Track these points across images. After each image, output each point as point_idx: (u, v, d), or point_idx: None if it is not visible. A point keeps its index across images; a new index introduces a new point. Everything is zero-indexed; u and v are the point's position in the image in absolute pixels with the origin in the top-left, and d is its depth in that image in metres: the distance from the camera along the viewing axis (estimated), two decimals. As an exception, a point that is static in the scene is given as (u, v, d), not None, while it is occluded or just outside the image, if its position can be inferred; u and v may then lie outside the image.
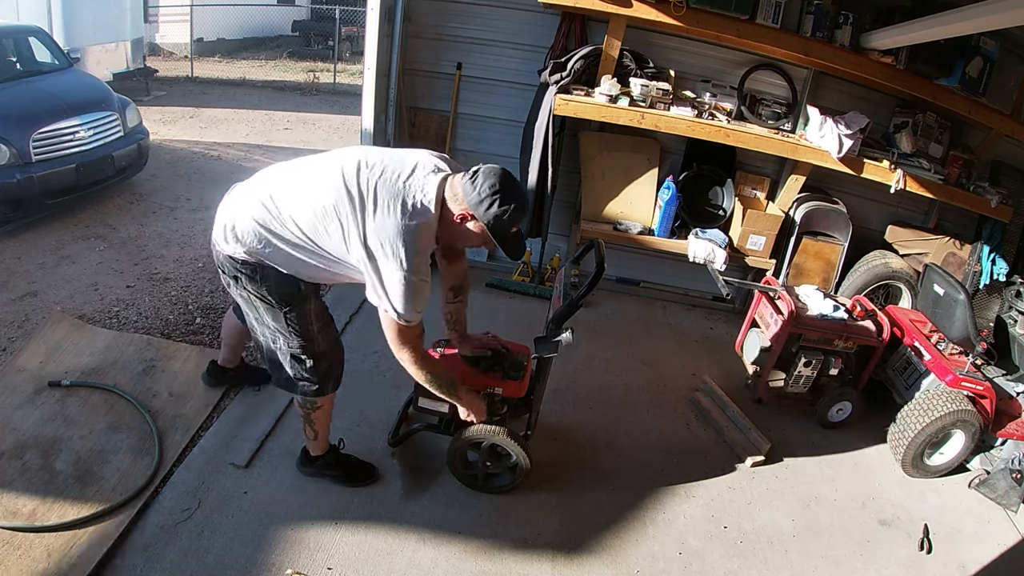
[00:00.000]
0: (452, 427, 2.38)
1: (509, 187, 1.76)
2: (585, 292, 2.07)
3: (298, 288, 1.91)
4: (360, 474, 2.38)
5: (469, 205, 1.75)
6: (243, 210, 1.84)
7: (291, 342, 1.99)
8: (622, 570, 2.24)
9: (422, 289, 1.77)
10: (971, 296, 3.10)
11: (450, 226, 1.81)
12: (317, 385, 2.08)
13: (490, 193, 1.73)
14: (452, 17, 3.83)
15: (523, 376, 2.26)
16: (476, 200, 1.74)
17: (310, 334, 1.99)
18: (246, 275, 1.87)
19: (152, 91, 8.75)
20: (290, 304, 1.93)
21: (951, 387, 2.85)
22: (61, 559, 1.95)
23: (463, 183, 1.77)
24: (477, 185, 1.74)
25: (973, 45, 3.45)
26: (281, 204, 1.81)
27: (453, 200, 1.78)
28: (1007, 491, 2.76)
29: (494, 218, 1.75)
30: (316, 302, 2.01)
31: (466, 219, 1.78)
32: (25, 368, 2.75)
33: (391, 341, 1.88)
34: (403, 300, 1.75)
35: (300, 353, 2.01)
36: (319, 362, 2.05)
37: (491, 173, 1.75)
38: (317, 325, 2.01)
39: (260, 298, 1.91)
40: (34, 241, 4.02)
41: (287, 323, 1.95)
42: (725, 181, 3.91)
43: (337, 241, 1.78)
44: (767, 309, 3.17)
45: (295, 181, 1.85)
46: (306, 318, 1.97)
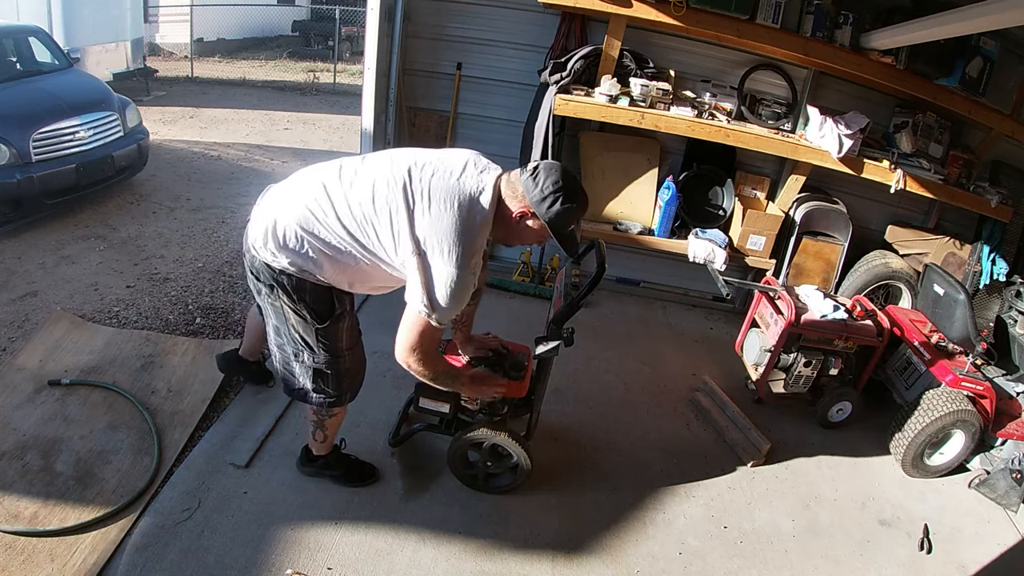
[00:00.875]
0: (453, 427, 2.38)
1: (572, 184, 1.74)
2: (586, 292, 2.07)
3: (334, 304, 1.88)
4: (360, 474, 2.37)
5: (531, 203, 1.72)
6: (285, 212, 1.78)
7: (317, 357, 1.94)
8: (622, 570, 2.24)
9: (470, 286, 1.74)
10: (971, 296, 3.10)
11: (507, 223, 1.77)
12: (335, 398, 2.05)
13: (553, 190, 1.70)
14: (452, 17, 3.83)
15: (524, 376, 2.26)
16: (539, 197, 1.71)
17: (339, 351, 1.95)
18: (283, 287, 1.81)
19: (152, 91, 8.75)
20: (325, 320, 1.88)
21: (951, 387, 2.85)
22: (64, 564, 1.95)
23: (523, 180, 1.73)
24: (539, 182, 1.71)
25: (973, 45, 3.45)
26: (325, 205, 1.76)
27: (512, 198, 1.74)
28: (1007, 491, 2.76)
29: (556, 215, 1.72)
30: (350, 319, 1.97)
31: (526, 216, 1.75)
32: (25, 367, 2.75)
33: (407, 340, 1.79)
34: (447, 299, 1.70)
35: (325, 368, 1.96)
36: (343, 379, 2.02)
37: (553, 170, 1.73)
38: (348, 343, 1.98)
39: (295, 311, 1.85)
40: (34, 241, 4.02)
41: (318, 339, 1.90)
42: (725, 181, 3.91)
43: (386, 240, 1.73)
44: (767, 309, 3.17)
45: (340, 182, 1.79)
46: (338, 336, 1.93)
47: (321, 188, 1.78)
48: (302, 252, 1.77)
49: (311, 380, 1.99)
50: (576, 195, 1.74)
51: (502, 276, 4.12)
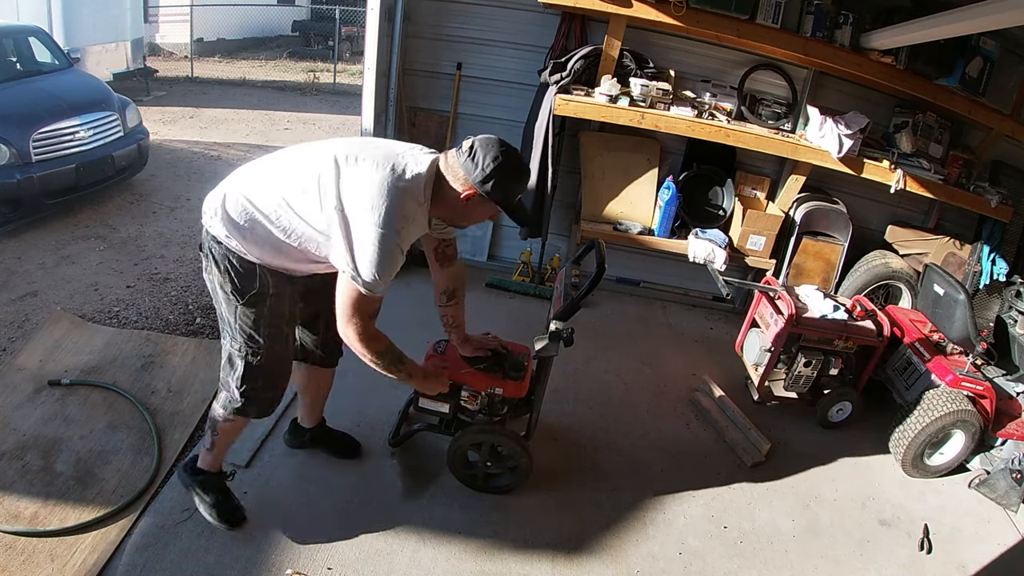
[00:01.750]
0: (453, 427, 2.38)
1: (511, 157, 1.71)
2: (586, 292, 2.07)
3: (256, 282, 1.81)
4: (229, 514, 2.12)
5: (473, 183, 1.69)
6: (235, 184, 1.79)
7: (234, 341, 1.87)
8: (622, 570, 2.24)
9: (396, 255, 1.67)
10: (971, 296, 3.10)
11: (454, 205, 1.74)
12: (240, 402, 1.93)
13: (495, 167, 1.67)
14: (452, 17, 3.83)
15: (523, 376, 2.26)
16: (480, 177, 1.67)
17: (254, 338, 1.86)
18: (214, 257, 1.79)
19: (152, 91, 8.75)
20: (244, 297, 1.81)
21: (951, 387, 2.85)
22: (64, 564, 1.95)
23: (462, 162, 1.70)
24: (478, 161, 1.67)
25: (973, 45, 3.45)
26: (268, 177, 1.77)
27: (454, 179, 1.72)
28: (1007, 491, 2.76)
29: (501, 191, 1.70)
30: (274, 305, 1.86)
31: (472, 196, 1.71)
32: (25, 367, 2.75)
33: (342, 311, 1.73)
34: (373, 263, 1.64)
35: (236, 356, 1.88)
36: (250, 374, 1.89)
37: (490, 146, 1.69)
38: (267, 331, 1.86)
39: (221, 285, 1.82)
40: (34, 241, 4.03)
41: (236, 317, 1.84)
42: (725, 181, 3.91)
43: (312, 198, 1.68)
44: (767, 309, 3.17)
45: (286, 158, 1.82)
46: (257, 319, 1.84)
47: (270, 164, 1.81)
48: (240, 224, 1.75)
49: (223, 370, 1.93)
50: (517, 167, 1.73)
51: (502, 276, 4.12)
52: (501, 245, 4.34)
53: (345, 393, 2.80)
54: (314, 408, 2.43)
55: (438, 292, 2.20)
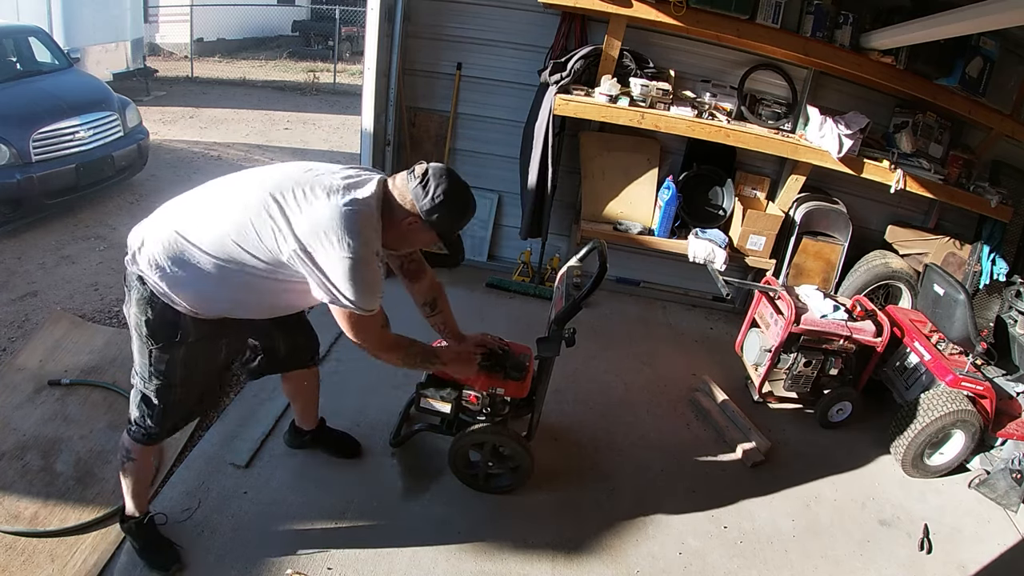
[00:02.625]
0: (454, 427, 2.38)
1: (462, 192, 1.70)
2: (587, 293, 2.07)
3: (177, 330, 1.73)
4: (162, 557, 1.99)
5: (421, 210, 1.67)
6: (170, 224, 1.70)
7: (148, 384, 1.80)
8: (622, 570, 2.24)
9: (374, 275, 1.65)
10: (971, 296, 3.10)
11: (397, 228, 1.72)
12: (151, 434, 1.86)
13: (444, 199, 1.66)
14: (452, 17, 3.83)
15: (525, 376, 2.26)
16: (429, 205, 1.66)
17: (171, 382, 1.80)
18: (135, 297, 1.73)
19: (152, 91, 8.75)
20: (160, 343, 1.74)
21: (951, 387, 2.85)
22: (64, 565, 1.95)
23: (412, 188, 1.67)
24: (429, 190, 1.66)
25: (973, 45, 3.45)
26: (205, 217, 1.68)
27: (402, 201, 1.69)
28: (1007, 491, 2.76)
29: (446, 223, 1.70)
30: (190, 352, 1.78)
31: (415, 223, 1.70)
32: (25, 367, 2.75)
33: (351, 336, 1.74)
34: (353, 287, 1.61)
35: (154, 397, 1.81)
36: (168, 414, 1.85)
37: (442, 177, 1.67)
38: (181, 376, 1.80)
39: (137, 326, 1.75)
40: (34, 241, 4.03)
41: (151, 361, 1.77)
42: (725, 181, 3.91)
43: (269, 243, 1.62)
44: (767, 309, 3.17)
45: (219, 195, 1.73)
46: (172, 364, 1.78)
47: (203, 201, 1.73)
48: (171, 268, 1.66)
49: (136, 407, 1.85)
50: (466, 202, 1.73)
51: (502, 276, 4.12)
52: (501, 245, 4.34)
53: (345, 393, 2.81)
54: (307, 412, 2.42)
55: (419, 305, 2.18)
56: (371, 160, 3.96)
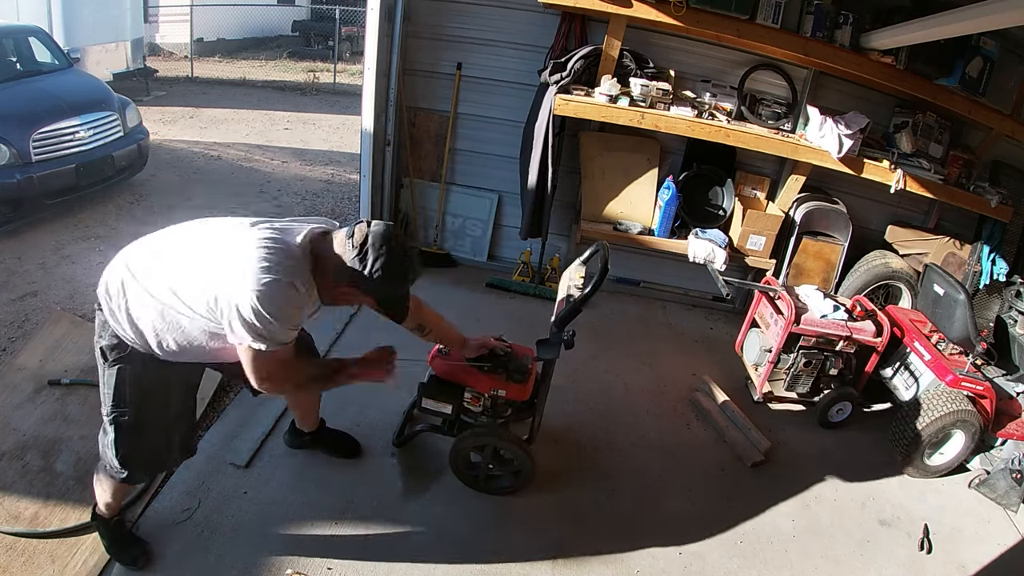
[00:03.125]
0: (456, 428, 2.38)
1: (400, 262, 1.65)
2: (588, 295, 2.07)
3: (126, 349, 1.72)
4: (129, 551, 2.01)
5: (359, 280, 1.64)
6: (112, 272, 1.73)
7: (106, 406, 1.78)
8: (622, 570, 2.24)
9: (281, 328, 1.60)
10: (971, 296, 3.10)
11: (333, 291, 1.72)
12: (123, 474, 1.83)
13: (382, 273, 1.62)
14: (452, 17, 3.83)
15: (527, 379, 2.26)
16: (367, 280, 1.63)
17: (123, 401, 1.76)
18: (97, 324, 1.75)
19: (152, 91, 8.75)
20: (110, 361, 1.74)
21: (951, 387, 2.85)
22: (64, 565, 1.95)
23: (349, 257, 1.63)
24: (367, 264, 1.61)
25: (973, 45, 3.45)
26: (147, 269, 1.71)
27: (337, 266, 1.66)
28: (1007, 491, 2.76)
29: (382, 293, 1.71)
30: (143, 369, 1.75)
31: (351, 290, 1.69)
32: (25, 367, 2.75)
33: (250, 376, 1.68)
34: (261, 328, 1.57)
35: (107, 421, 1.78)
36: (124, 439, 1.79)
37: (381, 248, 1.62)
38: (134, 394, 1.76)
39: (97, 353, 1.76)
40: (34, 241, 4.03)
41: (103, 380, 1.76)
42: (725, 181, 3.91)
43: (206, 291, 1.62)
44: (767, 309, 3.17)
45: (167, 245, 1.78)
46: (123, 381, 1.75)
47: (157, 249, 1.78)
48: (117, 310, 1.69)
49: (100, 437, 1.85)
50: (404, 275, 1.69)
51: (502, 276, 4.12)
52: (501, 245, 4.34)
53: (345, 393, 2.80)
54: (307, 417, 2.42)
55: (409, 330, 2.14)
56: (371, 160, 3.96)
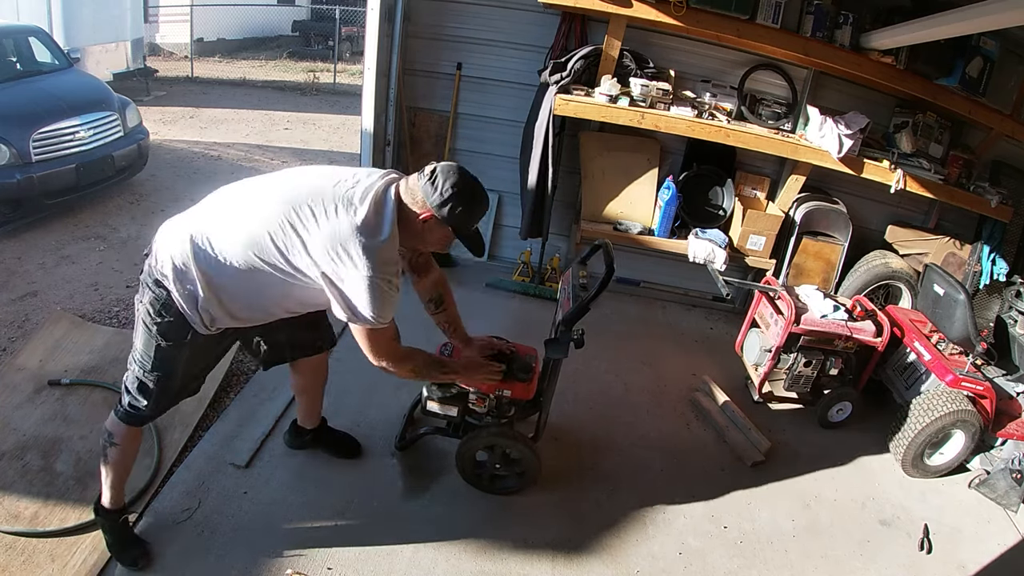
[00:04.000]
0: (461, 430, 2.38)
1: (471, 185, 1.73)
2: (595, 294, 2.07)
3: (185, 333, 1.78)
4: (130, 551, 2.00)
5: (431, 206, 1.70)
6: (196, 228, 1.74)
7: (148, 373, 1.83)
8: (622, 570, 2.24)
9: (390, 293, 1.69)
10: (971, 296, 3.10)
11: (411, 228, 1.75)
12: (147, 415, 1.90)
13: (453, 192, 1.69)
14: (452, 17, 3.83)
15: (531, 378, 2.26)
16: (439, 201, 1.69)
17: (174, 373, 1.85)
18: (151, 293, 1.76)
19: (152, 91, 8.75)
20: (169, 343, 1.79)
21: (951, 387, 2.85)
22: (64, 565, 1.95)
23: (422, 185, 1.71)
24: (438, 185, 1.69)
25: (973, 45, 3.45)
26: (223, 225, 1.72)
27: (413, 202, 1.73)
28: (1007, 491, 2.76)
29: (458, 217, 1.72)
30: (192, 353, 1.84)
31: (429, 220, 1.73)
32: (25, 367, 2.75)
33: (368, 352, 1.82)
34: (368, 305, 1.66)
35: (152, 384, 1.85)
36: (164, 398, 1.89)
37: (451, 172, 1.71)
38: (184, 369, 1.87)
39: (145, 320, 1.79)
40: (34, 241, 4.03)
41: (153, 355, 1.81)
42: (725, 181, 3.91)
43: (288, 256, 1.67)
44: (767, 309, 3.17)
45: (239, 202, 1.77)
46: (176, 360, 1.83)
47: (232, 203, 1.78)
48: (188, 270, 1.71)
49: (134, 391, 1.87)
50: (476, 195, 1.75)
51: (502, 276, 4.12)
52: (501, 245, 4.34)
53: (345, 393, 2.81)
54: (312, 409, 2.42)
55: (424, 301, 2.20)
56: (371, 160, 3.96)
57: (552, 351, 2.16)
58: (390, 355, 1.85)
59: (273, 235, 1.66)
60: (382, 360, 1.85)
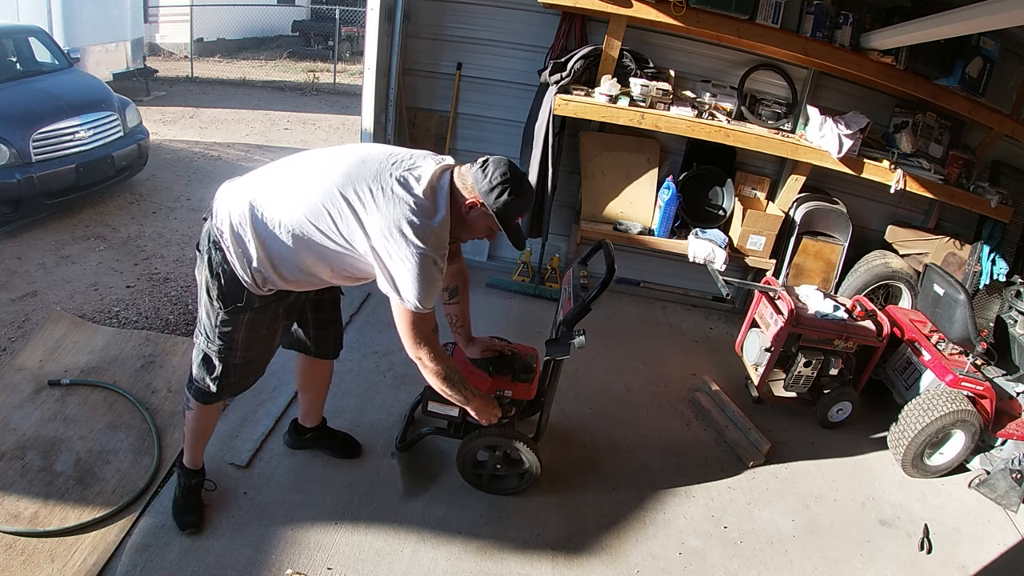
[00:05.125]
0: (462, 431, 2.38)
1: (518, 177, 1.79)
2: (597, 294, 2.07)
3: (242, 296, 1.82)
4: (181, 516, 2.12)
5: (480, 193, 1.76)
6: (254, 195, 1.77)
7: (212, 343, 1.90)
8: (622, 570, 2.24)
9: (436, 274, 1.73)
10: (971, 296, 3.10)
11: (459, 214, 1.80)
12: (212, 393, 1.97)
13: (501, 181, 1.75)
14: (452, 17, 3.83)
15: (533, 378, 2.26)
16: (487, 188, 1.75)
17: (234, 343, 1.90)
18: (210, 261, 1.80)
19: (152, 91, 8.75)
20: (227, 306, 1.83)
21: (951, 387, 2.85)
22: (64, 564, 1.95)
23: (472, 172, 1.78)
24: (488, 173, 1.76)
25: (973, 45, 3.45)
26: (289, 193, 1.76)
27: (463, 188, 1.79)
28: (1007, 491, 2.76)
29: (504, 205, 1.76)
30: (253, 317, 1.88)
31: (475, 207, 1.78)
32: (25, 367, 2.75)
33: (406, 335, 1.82)
34: (415, 285, 1.70)
35: (215, 358, 1.91)
36: (228, 374, 1.94)
37: (501, 163, 1.78)
38: (244, 340, 1.90)
39: (207, 289, 1.84)
40: (34, 241, 4.03)
41: (215, 323, 1.87)
42: (725, 181, 3.91)
43: (342, 229, 1.72)
44: (767, 309, 3.17)
45: (300, 173, 1.82)
46: (236, 327, 1.87)
47: (291, 173, 1.82)
48: (248, 237, 1.74)
49: (197, 367, 1.95)
50: (522, 186, 1.80)
51: (502, 276, 4.12)
52: (501, 245, 4.34)
53: (345, 393, 2.81)
54: (315, 407, 2.43)
55: (441, 290, 2.21)
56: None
57: (554, 351, 2.16)
58: (431, 345, 1.85)
59: (329, 208, 1.70)
60: (422, 348, 1.84)
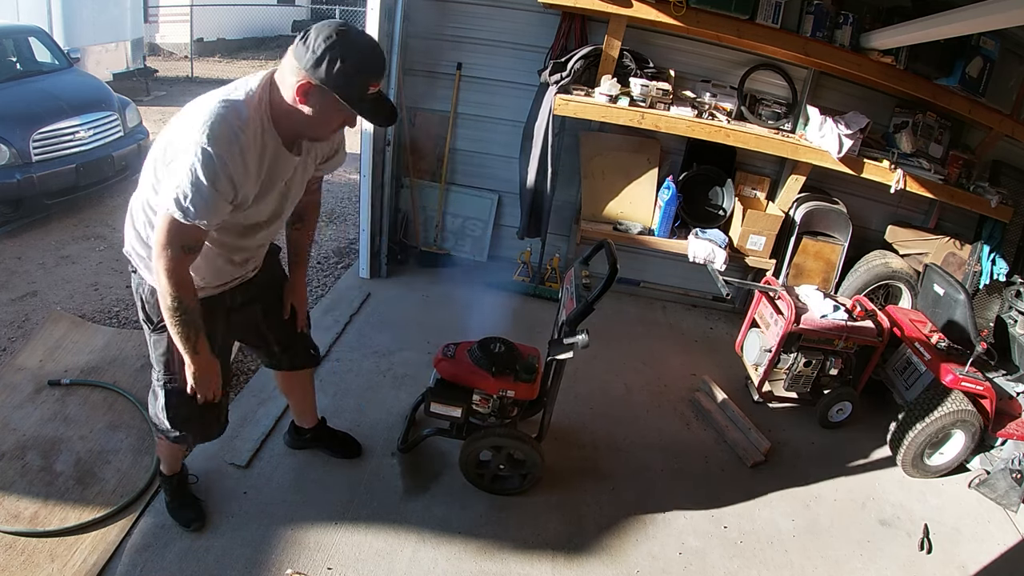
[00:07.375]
0: (464, 432, 2.38)
1: (348, 36, 1.41)
2: (599, 294, 2.07)
3: None
4: (185, 512, 2.12)
5: (305, 69, 1.40)
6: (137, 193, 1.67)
7: (156, 372, 1.77)
8: (622, 570, 2.24)
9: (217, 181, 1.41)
10: (971, 296, 3.10)
11: (288, 107, 1.47)
12: (176, 434, 1.85)
13: (327, 47, 1.37)
14: (452, 17, 3.83)
15: (535, 378, 2.26)
16: (312, 61, 1.38)
17: (171, 367, 1.73)
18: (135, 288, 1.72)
19: (152, 91, 8.75)
20: (154, 324, 1.70)
21: (951, 387, 2.85)
22: (64, 564, 1.95)
23: (293, 49, 1.43)
24: (310, 44, 1.39)
25: (973, 45, 3.45)
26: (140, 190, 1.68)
27: (289, 73, 1.44)
28: (1007, 491, 2.76)
29: (337, 75, 1.39)
30: None
31: (309, 90, 1.43)
32: (25, 367, 2.75)
33: (156, 240, 1.47)
34: (191, 186, 1.39)
35: (157, 386, 1.78)
36: (171, 402, 1.78)
37: (325, 26, 1.41)
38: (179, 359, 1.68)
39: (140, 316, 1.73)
40: (34, 241, 4.03)
41: (154, 347, 1.73)
42: (725, 181, 3.91)
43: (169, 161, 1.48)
44: (767, 309, 3.17)
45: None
46: (171, 349, 1.67)
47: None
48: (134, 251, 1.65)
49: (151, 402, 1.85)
50: (356, 46, 1.41)
51: (502, 276, 4.12)
52: (501, 245, 4.34)
53: (345, 393, 2.81)
54: (304, 411, 2.41)
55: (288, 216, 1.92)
56: (371, 160, 3.96)
57: (557, 351, 2.16)
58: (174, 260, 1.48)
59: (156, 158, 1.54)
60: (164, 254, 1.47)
